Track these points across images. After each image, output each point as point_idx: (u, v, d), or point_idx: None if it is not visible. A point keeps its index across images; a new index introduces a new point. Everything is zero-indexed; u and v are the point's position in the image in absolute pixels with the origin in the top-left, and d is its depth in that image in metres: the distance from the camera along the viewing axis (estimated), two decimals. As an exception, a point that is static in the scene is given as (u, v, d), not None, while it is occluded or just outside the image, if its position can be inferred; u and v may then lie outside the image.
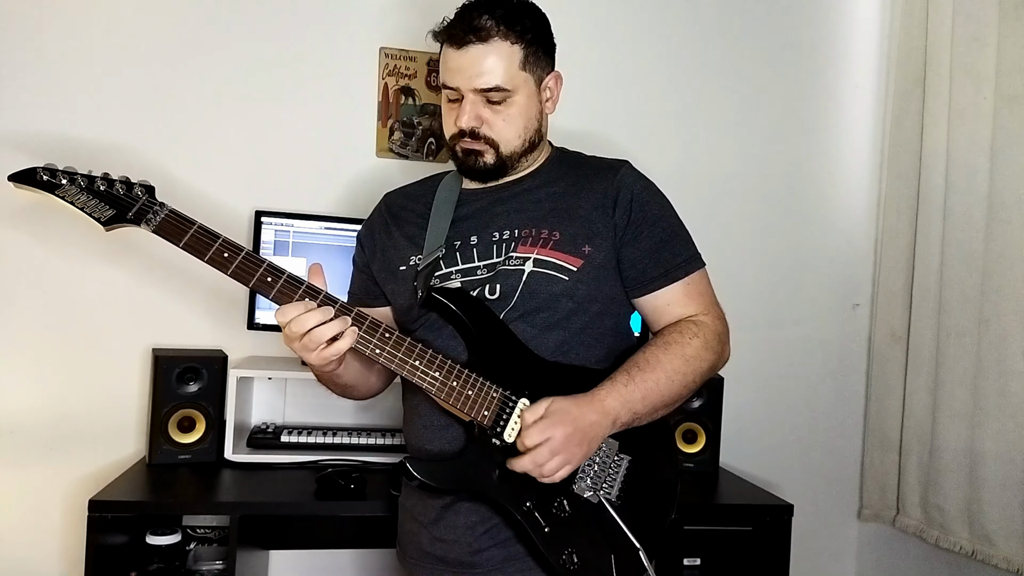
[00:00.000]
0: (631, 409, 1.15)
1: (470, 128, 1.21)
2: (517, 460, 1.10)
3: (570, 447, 1.09)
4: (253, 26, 2.02)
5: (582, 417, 1.11)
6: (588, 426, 1.11)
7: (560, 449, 1.09)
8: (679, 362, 1.19)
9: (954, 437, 2.02)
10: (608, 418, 1.13)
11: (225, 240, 1.15)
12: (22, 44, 1.88)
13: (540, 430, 1.09)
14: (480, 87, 1.19)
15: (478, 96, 1.20)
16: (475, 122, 1.21)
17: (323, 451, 1.81)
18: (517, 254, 1.21)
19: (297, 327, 1.09)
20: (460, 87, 1.20)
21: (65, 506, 1.89)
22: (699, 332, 1.22)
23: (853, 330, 2.39)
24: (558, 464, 1.09)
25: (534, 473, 1.10)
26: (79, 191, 1.14)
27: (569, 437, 1.09)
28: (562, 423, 1.10)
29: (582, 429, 1.10)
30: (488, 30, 1.17)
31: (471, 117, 1.21)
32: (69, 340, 1.91)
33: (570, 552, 1.13)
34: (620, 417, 1.14)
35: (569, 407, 1.12)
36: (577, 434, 1.10)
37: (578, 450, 1.10)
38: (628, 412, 1.15)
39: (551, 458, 1.08)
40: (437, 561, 1.22)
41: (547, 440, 1.08)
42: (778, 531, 1.75)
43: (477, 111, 1.21)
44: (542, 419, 1.10)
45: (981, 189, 1.98)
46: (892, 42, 2.34)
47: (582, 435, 1.10)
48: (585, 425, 1.11)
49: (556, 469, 1.09)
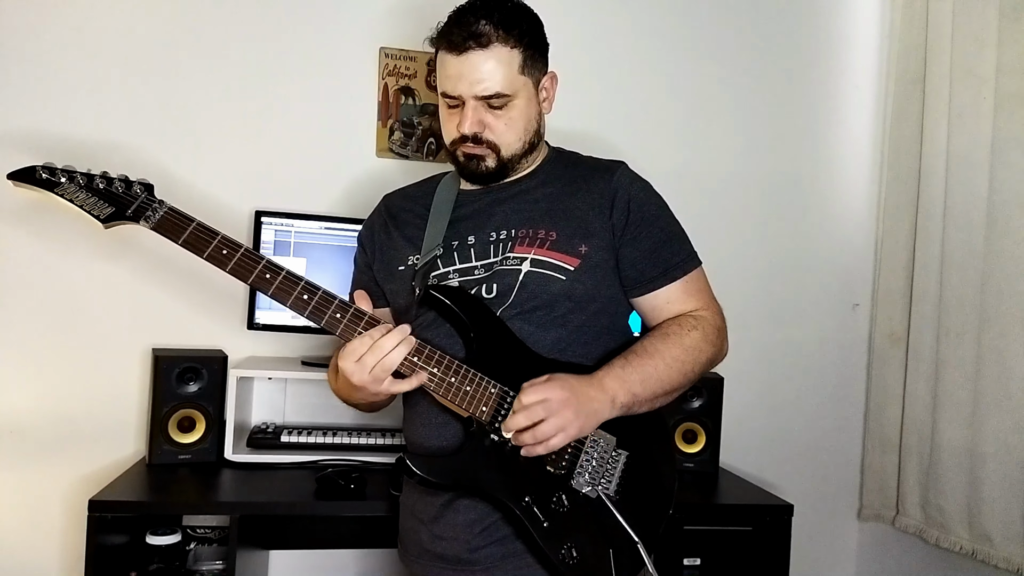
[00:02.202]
0: (629, 390, 1.16)
1: (472, 134, 1.21)
2: (511, 417, 1.10)
3: (566, 412, 1.10)
4: (253, 26, 2.02)
5: (580, 388, 1.12)
6: (587, 398, 1.12)
7: (556, 410, 1.09)
8: (677, 350, 1.20)
9: (954, 437, 2.02)
10: (606, 395, 1.14)
11: (224, 237, 1.15)
12: (22, 43, 1.89)
13: (538, 390, 1.10)
14: (482, 94, 1.19)
15: (479, 102, 1.20)
16: (477, 128, 1.21)
17: (323, 451, 1.82)
18: (514, 254, 1.22)
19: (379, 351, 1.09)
20: (461, 94, 1.19)
21: (65, 506, 1.89)
22: (698, 325, 1.23)
23: (853, 330, 2.39)
24: (553, 427, 1.09)
25: (526, 437, 1.09)
26: (78, 189, 1.14)
27: (566, 401, 1.10)
28: (560, 387, 1.11)
29: (580, 398, 1.11)
30: (488, 35, 1.17)
31: (473, 123, 1.20)
32: (69, 340, 1.91)
33: (569, 547, 1.14)
34: (618, 397, 1.15)
35: (568, 377, 1.13)
36: (574, 400, 1.11)
37: (574, 418, 1.10)
38: (626, 392, 1.15)
39: (546, 417, 1.09)
40: (437, 558, 1.22)
41: (544, 400, 1.09)
42: (778, 531, 1.75)
43: (479, 116, 1.21)
44: (542, 382, 1.11)
45: (981, 189, 1.98)
46: (892, 42, 2.34)
47: (579, 404, 1.11)
48: (583, 396, 1.12)
49: (550, 433, 1.09)
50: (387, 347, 1.10)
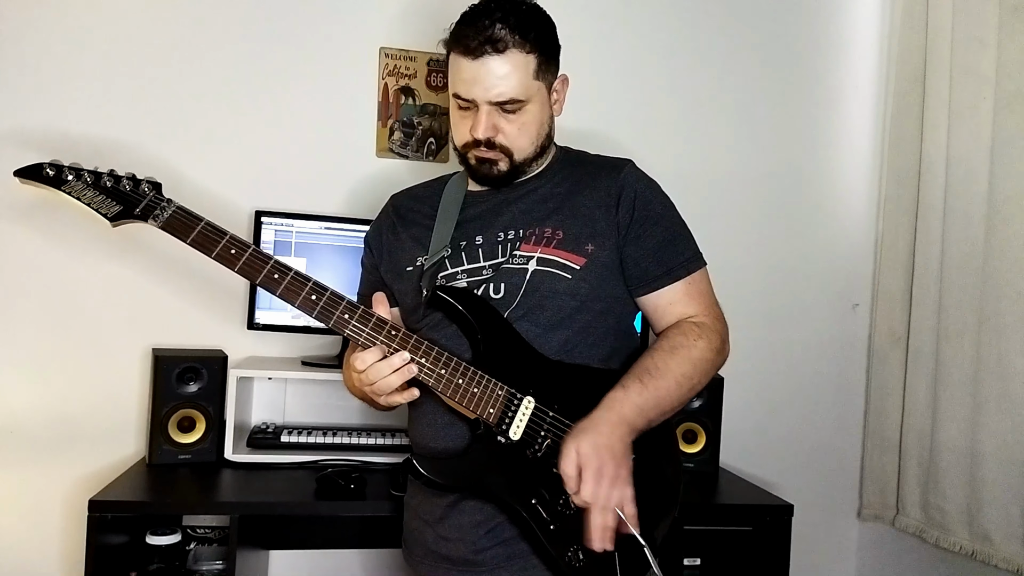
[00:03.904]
0: (645, 416, 1.16)
1: (486, 139, 1.20)
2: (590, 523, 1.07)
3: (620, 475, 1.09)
4: (253, 26, 2.02)
5: (611, 444, 1.10)
6: (620, 448, 1.11)
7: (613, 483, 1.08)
8: (687, 366, 1.19)
9: (954, 437, 2.02)
10: (627, 427, 1.13)
11: (232, 237, 1.15)
12: (27, 42, 1.89)
13: (591, 482, 1.07)
14: (496, 99, 1.18)
15: (493, 107, 1.19)
16: (491, 132, 1.20)
17: (323, 451, 1.81)
18: (521, 253, 1.22)
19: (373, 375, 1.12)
20: (476, 99, 1.18)
21: (65, 506, 1.89)
22: (703, 334, 1.22)
23: (853, 330, 2.39)
24: (619, 495, 1.09)
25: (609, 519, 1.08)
26: (85, 187, 1.14)
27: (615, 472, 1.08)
28: (602, 463, 1.08)
29: (616, 454, 1.10)
30: (504, 40, 1.15)
31: (487, 128, 1.19)
32: (69, 340, 1.91)
33: (576, 549, 1.14)
34: (636, 424, 1.15)
35: (596, 440, 1.09)
36: (615, 460, 1.09)
37: (624, 471, 1.10)
38: (643, 419, 1.15)
39: (611, 496, 1.08)
40: (442, 559, 1.22)
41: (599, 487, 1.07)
42: (778, 531, 1.75)
43: (493, 121, 1.20)
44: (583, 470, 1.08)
45: (981, 189, 1.98)
46: (892, 42, 2.34)
47: (619, 458, 1.10)
48: (617, 449, 1.10)
49: (621, 498, 1.09)
50: (385, 371, 1.13)
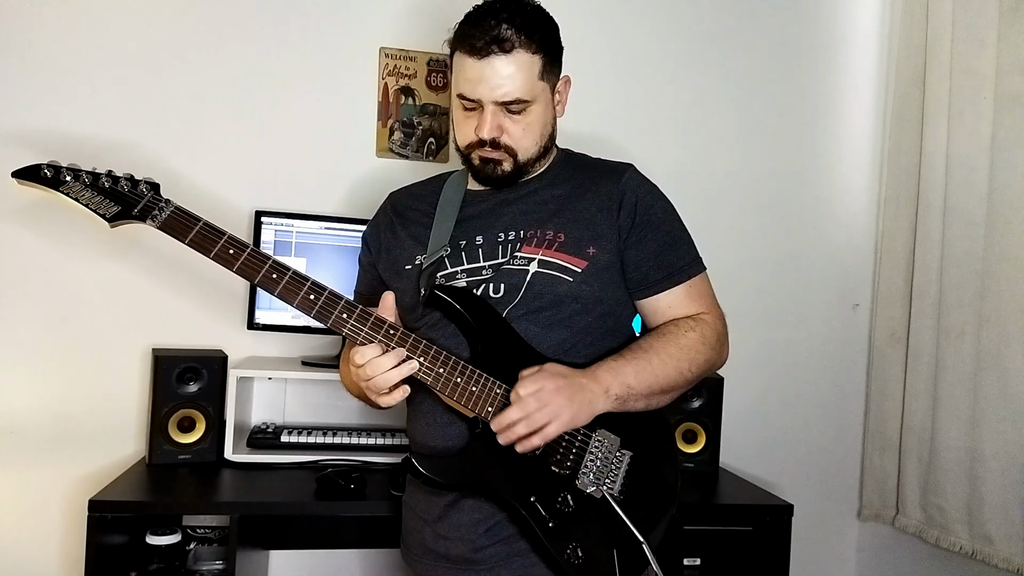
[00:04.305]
0: (623, 382, 1.16)
1: (491, 139, 1.21)
2: (505, 411, 1.10)
3: (558, 399, 1.10)
4: (253, 26, 2.02)
5: (573, 376, 1.13)
6: (579, 386, 1.13)
7: (549, 400, 1.10)
8: (673, 348, 1.21)
9: (954, 437, 2.02)
10: (599, 385, 1.14)
11: (231, 236, 1.15)
12: (26, 42, 1.88)
13: (531, 380, 1.11)
14: (502, 99, 1.18)
15: (498, 107, 1.19)
16: (496, 132, 1.20)
17: (323, 451, 1.81)
18: (522, 254, 1.22)
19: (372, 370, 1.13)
20: (481, 98, 1.19)
21: (65, 506, 1.89)
22: (696, 327, 1.24)
23: (853, 330, 2.39)
24: (546, 416, 1.10)
25: (521, 427, 1.09)
26: (84, 188, 1.14)
27: (558, 389, 1.11)
28: (552, 377, 1.12)
29: (572, 386, 1.12)
30: (510, 40, 1.16)
31: (492, 128, 1.20)
32: (69, 340, 1.91)
33: (575, 546, 1.14)
34: (612, 387, 1.15)
35: (560, 367, 1.15)
36: (567, 388, 1.11)
37: (567, 405, 1.11)
38: (620, 384, 1.16)
39: (539, 408, 1.09)
40: (440, 558, 1.22)
41: (537, 390, 1.10)
42: (778, 531, 1.75)
43: (497, 121, 1.20)
44: (534, 372, 1.12)
45: (981, 189, 1.98)
46: (892, 42, 2.34)
47: (571, 391, 1.11)
48: (575, 384, 1.12)
49: (543, 421, 1.10)
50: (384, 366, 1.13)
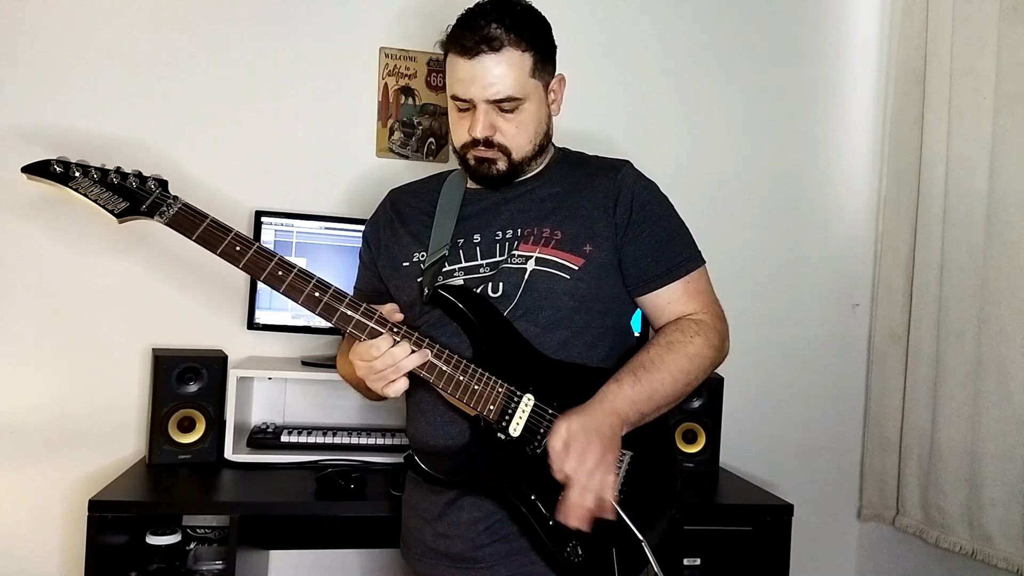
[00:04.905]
0: (638, 409, 1.16)
1: (484, 138, 1.21)
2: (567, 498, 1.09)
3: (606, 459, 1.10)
4: (253, 26, 2.02)
5: (601, 429, 1.11)
6: (609, 435, 1.12)
7: (596, 465, 1.09)
8: (683, 361, 1.20)
9: (954, 437, 2.02)
10: (619, 419, 1.14)
11: (237, 234, 1.15)
12: (32, 40, 1.89)
13: (574, 458, 1.09)
14: (493, 98, 1.19)
15: (490, 105, 1.20)
16: (488, 131, 1.21)
17: (323, 451, 1.81)
18: (519, 253, 1.22)
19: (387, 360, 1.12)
20: (473, 98, 1.19)
21: (65, 506, 1.89)
22: (700, 330, 1.23)
23: (853, 330, 2.39)
24: (600, 480, 1.09)
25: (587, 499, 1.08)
26: (92, 183, 1.14)
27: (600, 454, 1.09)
28: (589, 443, 1.09)
29: (605, 439, 1.11)
30: (499, 39, 1.17)
31: (485, 127, 1.20)
32: (69, 340, 1.91)
33: (574, 545, 1.15)
34: (629, 417, 1.16)
35: (586, 422, 1.11)
36: (602, 444, 1.10)
37: (609, 457, 1.11)
38: (636, 412, 1.16)
39: (593, 476, 1.09)
40: (440, 557, 1.22)
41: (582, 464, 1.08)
42: (778, 531, 1.75)
43: (490, 120, 1.20)
44: (569, 447, 1.10)
45: (981, 189, 1.98)
46: (892, 42, 2.34)
47: (606, 444, 1.11)
48: (606, 435, 1.11)
49: (603, 484, 1.09)
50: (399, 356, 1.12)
